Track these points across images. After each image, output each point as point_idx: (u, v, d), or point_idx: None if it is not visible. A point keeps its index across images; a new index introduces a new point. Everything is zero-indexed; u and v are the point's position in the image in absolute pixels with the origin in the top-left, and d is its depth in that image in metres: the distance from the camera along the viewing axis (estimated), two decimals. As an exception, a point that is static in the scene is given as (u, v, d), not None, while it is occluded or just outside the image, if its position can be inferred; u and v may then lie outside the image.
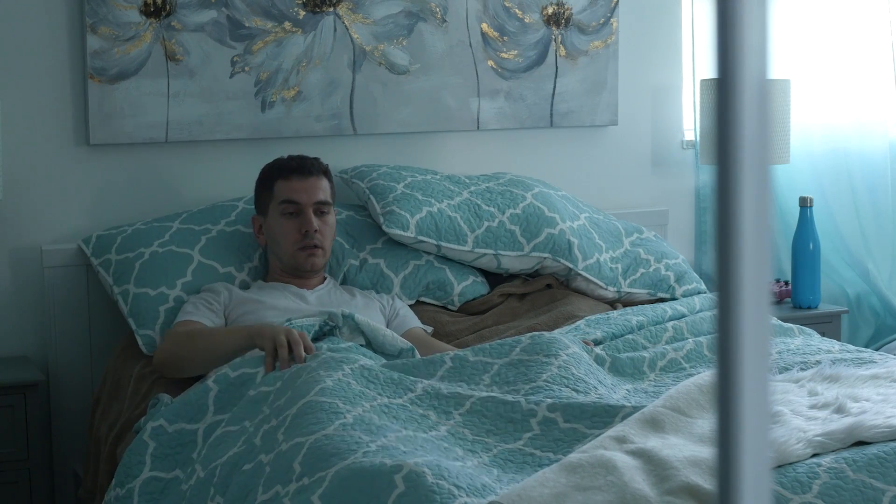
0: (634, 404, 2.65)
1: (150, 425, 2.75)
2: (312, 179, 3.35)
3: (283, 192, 3.34)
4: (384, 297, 3.47)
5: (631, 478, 2.25)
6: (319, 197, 3.35)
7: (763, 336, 0.86)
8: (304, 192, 3.33)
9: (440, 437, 2.52)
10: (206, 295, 3.30)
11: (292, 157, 3.43)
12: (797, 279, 4.17)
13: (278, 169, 3.38)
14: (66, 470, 3.64)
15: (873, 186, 4.49)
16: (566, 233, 3.71)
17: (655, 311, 3.46)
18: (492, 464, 2.44)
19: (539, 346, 2.91)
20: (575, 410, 2.61)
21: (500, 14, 4.06)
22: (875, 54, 4.48)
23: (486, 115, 4.06)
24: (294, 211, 3.32)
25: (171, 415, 2.74)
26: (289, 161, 3.40)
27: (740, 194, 0.85)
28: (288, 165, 3.38)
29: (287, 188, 3.34)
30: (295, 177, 3.34)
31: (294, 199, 3.33)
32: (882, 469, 2.37)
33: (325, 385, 2.60)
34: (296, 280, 3.37)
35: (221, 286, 3.35)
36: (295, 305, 3.29)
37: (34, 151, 3.63)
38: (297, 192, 3.33)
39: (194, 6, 3.70)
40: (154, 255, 3.45)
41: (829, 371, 2.88)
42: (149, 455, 2.69)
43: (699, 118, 4.27)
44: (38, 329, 3.65)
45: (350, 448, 2.36)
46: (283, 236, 3.33)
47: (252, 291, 3.34)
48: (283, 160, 3.42)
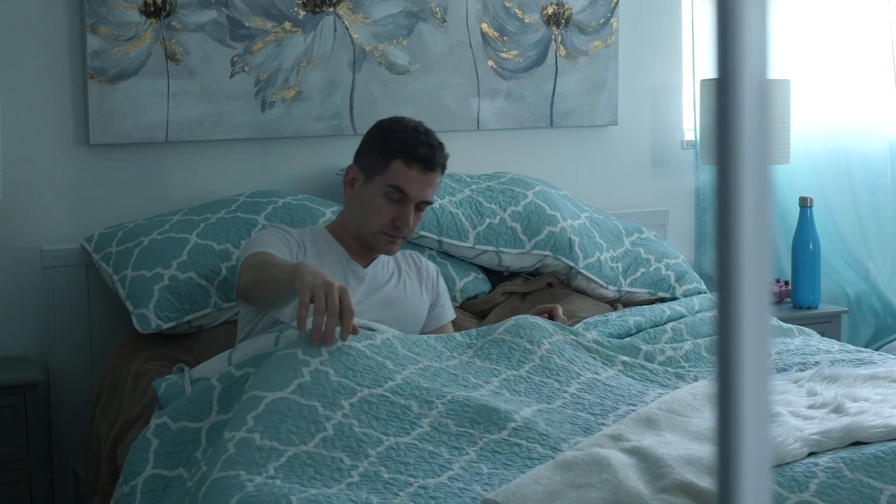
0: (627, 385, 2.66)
1: (153, 422, 2.73)
2: (431, 176, 3.13)
3: (397, 178, 3.10)
4: (430, 278, 3.34)
5: (625, 475, 2.25)
6: (428, 196, 3.14)
7: (763, 336, 0.86)
8: (418, 187, 3.10)
9: (423, 436, 2.51)
10: (279, 233, 3.12)
11: (422, 137, 3.14)
12: (797, 279, 4.17)
13: (404, 148, 3.11)
14: (66, 470, 3.64)
15: (873, 186, 4.49)
16: (567, 231, 3.72)
17: (654, 312, 3.45)
18: (479, 459, 2.43)
19: (523, 329, 2.96)
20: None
21: (500, 14, 4.06)
22: (875, 54, 4.48)
23: (486, 115, 4.06)
24: (398, 199, 3.10)
25: (174, 412, 2.73)
26: (418, 145, 3.11)
27: (740, 194, 0.85)
28: (416, 152, 3.10)
29: (404, 176, 3.10)
30: (417, 167, 3.10)
31: (405, 190, 3.09)
32: (879, 468, 2.37)
33: (303, 381, 2.59)
34: (358, 252, 3.21)
35: (296, 234, 3.16)
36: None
37: (34, 151, 3.63)
38: (411, 185, 3.10)
39: (194, 6, 3.70)
40: (153, 242, 3.45)
41: (829, 371, 2.89)
42: (152, 452, 2.68)
43: (699, 118, 4.27)
44: (38, 329, 3.65)
45: (333, 473, 2.39)
46: (376, 214, 3.11)
47: (311, 250, 3.14)
48: (413, 137, 3.13)
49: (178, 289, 3.35)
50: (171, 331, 3.35)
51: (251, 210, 3.55)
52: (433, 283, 3.34)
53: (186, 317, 3.34)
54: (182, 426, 2.70)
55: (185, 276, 3.37)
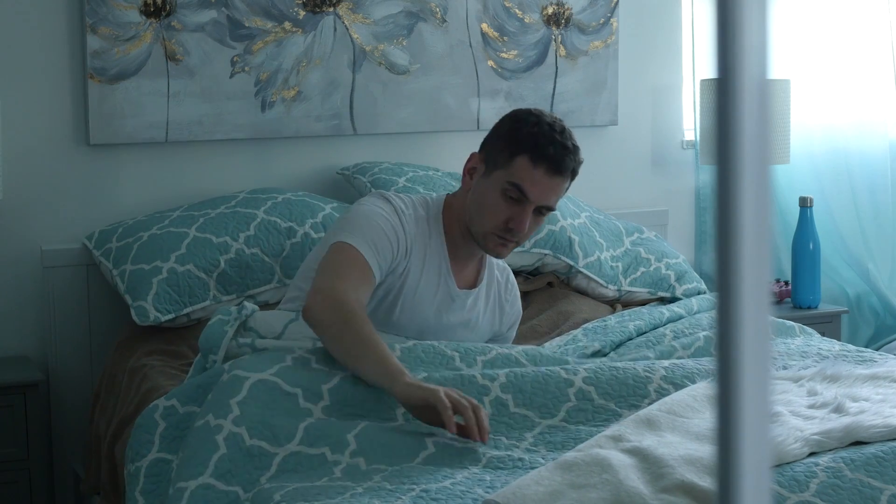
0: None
1: (162, 404, 2.68)
2: (558, 180, 2.79)
3: (520, 176, 2.77)
4: (512, 313, 3.08)
5: (626, 476, 2.25)
6: (550, 202, 2.81)
7: (763, 336, 0.86)
8: (540, 189, 2.77)
9: (428, 458, 2.48)
10: (389, 225, 2.80)
11: (556, 136, 2.79)
12: (797, 279, 4.17)
13: (534, 144, 2.77)
14: (66, 469, 3.64)
15: (873, 186, 4.49)
16: (567, 230, 3.72)
17: (653, 315, 3.45)
18: (484, 472, 2.42)
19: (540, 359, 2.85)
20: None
21: (500, 14, 4.06)
22: (875, 54, 4.48)
23: (486, 115, 4.06)
24: (517, 198, 2.78)
25: (183, 396, 2.69)
26: (550, 143, 2.77)
27: (740, 194, 0.85)
28: (545, 151, 2.76)
29: (527, 174, 2.77)
30: (543, 167, 2.76)
31: (526, 190, 2.77)
32: (880, 468, 2.37)
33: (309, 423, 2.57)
34: (461, 255, 2.91)
35: (409, 230, 2.83)
36: (434, 322, 2.90)
37: (34, 151, 3.63)
38: (533, 186, 2.77)
39: (194, 6, 3.70)
40: (152, 237, 3.46)
41: (830, 371, 2.89)
42: (158, 435, 2.65)
43: (699, 118, 4.27)
44: (38, 329, 3.65)
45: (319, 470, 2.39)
46: (490, 211, 2.79)
47: (416, 257, 2.85)
48: (546, 133, 2.78)
49: (176, 281, 3.35)
50: (169, 323, 3.35)
51: (251, 205, 3.55)
52: (511, 317, 3.09)
53: (185, 309, 3.35)
54: (189, 410, 2.67)
55: (184, 269, 3.38)
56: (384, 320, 2.83)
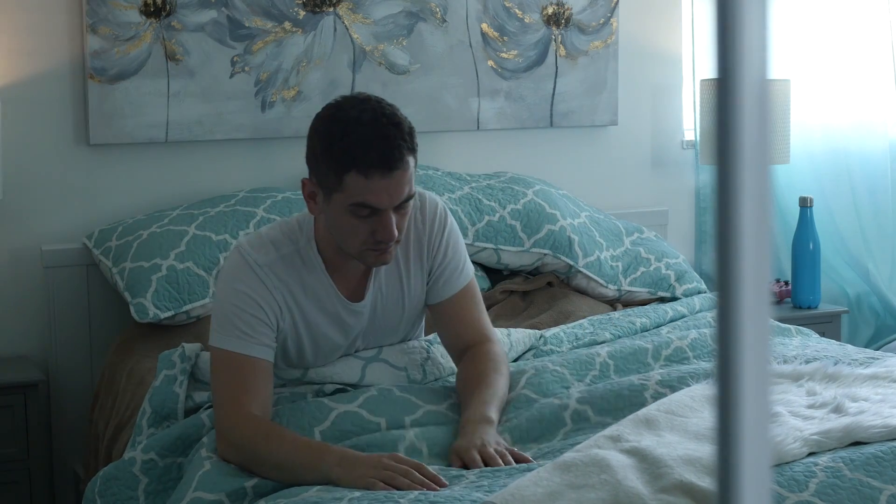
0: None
1: (140, 458, 2.64)
2: (398, 174, 2.50)
3: (358, 193, 2.50)
4: (430, 256, 2.78)
5: (624, 476, 2.25)
6: (404, 194, 2.54)
7: (763, 336, 0.86)
8: (386, 194, 2.51)
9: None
10: (248, 317, 2.59)
11: (369, 130, 2.49)
12: (797, 279, 4.17)
13: (353, 158, 2.48)
14: (66, 470, 3.64)
15: (873, 186, 4.49)
16: (567, 230, 3.72)
17: (657, 312, 3.48)
18: (481, 477, 2.42)
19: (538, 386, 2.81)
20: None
21: (500, 14, 4.06)
22: (875, 54, 4.48)
23: (486, 115, 4.06)
24: (368, 214, 2.54)
25: (160, 448, 2.64)
26: (368, 146, 2.48)
27: (740, 194, 0.85)
28: (369, 159, 2.48)
29: (364, 188, 2.50)
30: (376, 174, 2.48)
31: (373, 204, 2.51)
32: (879, 468, 2.37)
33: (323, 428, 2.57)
34: (345, 275, 2.71)
35: (274, 292, 2.62)
36: (345, 340, 2.76)
37: (34, 151, 3.63)
38: (377, 196, 2.51)
39: (194, 6, 3.70)
40: (152, 235, 3.46)
41: (830, 370, 2.89)
42: (142, 491, 2.62)
43: (699, 118, 4.27)
44: (38, 329, 3.65)
45: None
46: (350, 233, 2.56)
47: (294, 301, 2.65)
48: (360, 138, 2.49)
49: (175, 279, 3.36)
50: (168, 321, 3.34)
51: (250, 204, 3.55)
52: (432, 246, 2.79)
53: (185, 307, 3.34)
54: (171, 462, 2.66)
55: (184, 267, 3.38)
56: (301, 365, 2.75)
